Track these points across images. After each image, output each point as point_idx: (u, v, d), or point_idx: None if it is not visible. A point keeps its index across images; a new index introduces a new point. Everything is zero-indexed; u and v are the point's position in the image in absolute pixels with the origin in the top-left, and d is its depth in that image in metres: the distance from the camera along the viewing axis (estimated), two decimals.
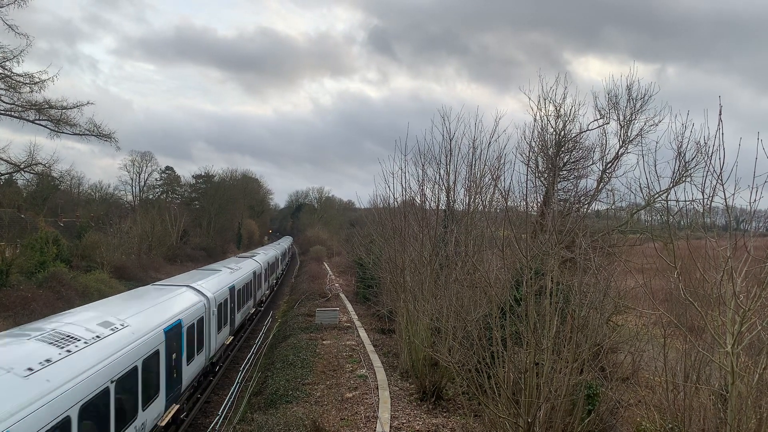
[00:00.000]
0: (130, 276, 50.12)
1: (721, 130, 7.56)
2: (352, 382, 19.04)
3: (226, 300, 25.31)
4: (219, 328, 23.53)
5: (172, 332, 16.42)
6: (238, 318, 29.55)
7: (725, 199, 7.78)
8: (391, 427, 14.52)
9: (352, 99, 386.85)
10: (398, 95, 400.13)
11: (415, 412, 15.87)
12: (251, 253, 50.24)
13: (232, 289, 27.10)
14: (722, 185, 7.72)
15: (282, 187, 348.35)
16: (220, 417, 18.30)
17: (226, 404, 19.63)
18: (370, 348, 23.99)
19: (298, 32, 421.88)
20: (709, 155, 7.78)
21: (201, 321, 20.16)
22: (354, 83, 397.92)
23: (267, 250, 56.29)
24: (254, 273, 36.33)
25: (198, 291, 21.44)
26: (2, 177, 45.04)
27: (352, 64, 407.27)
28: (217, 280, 25.48)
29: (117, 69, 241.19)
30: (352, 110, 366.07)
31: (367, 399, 17.08)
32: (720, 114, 7.59)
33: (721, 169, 7.64)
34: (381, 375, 19.49)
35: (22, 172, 41.91)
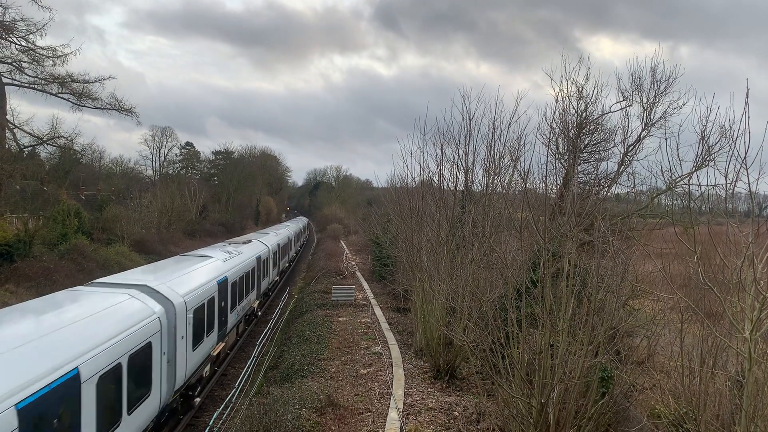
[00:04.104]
0: (150, 250, 50.69)
1: (747, 113, 7.41)
2: (366, 358, 19.24)
3: (276, 251, 38.57)
4: (273, 267, 37.20)
5: (258, 261, 29.51)
6: (281, 265, 44.01)
7: (749, 185, 7.64)
8: (404, 403, 14.68)
9: (363, 75, 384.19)
10: (408, 73, 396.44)
11: (429, 390, 16.01)
12: (284, 224, 66.79)
13: (278, 244, 40.62)
14: (746, 170, 7.59)
15: (295, 164, 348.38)
16: (237, 389, 18.64)
17: (243, 377, 19.97)
18: (385, 326, 24.16)
19: (305, 6, 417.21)
20: (734, 139, 7.64)
21: (267, 259, 33.33)
22: (363, 60, 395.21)
23: (294, 224, 71.62)
24: (288, 238, 50.71)
25: (262, 243, 33.94)
26: (26, 149, 45.62)
27: (362, 40, 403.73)
28: (269, 238, 38.41)
29: (127, 42, 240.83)
30: (363, 87, 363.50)
31: (381, 376, 17.26)
32: (747, 97, 7.44)
33: (746, 154, 7.52)
34: (395, 353, 19.66)
35: (45, 145, 42.44)
